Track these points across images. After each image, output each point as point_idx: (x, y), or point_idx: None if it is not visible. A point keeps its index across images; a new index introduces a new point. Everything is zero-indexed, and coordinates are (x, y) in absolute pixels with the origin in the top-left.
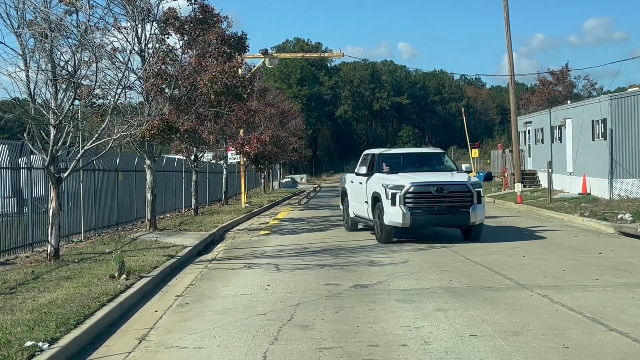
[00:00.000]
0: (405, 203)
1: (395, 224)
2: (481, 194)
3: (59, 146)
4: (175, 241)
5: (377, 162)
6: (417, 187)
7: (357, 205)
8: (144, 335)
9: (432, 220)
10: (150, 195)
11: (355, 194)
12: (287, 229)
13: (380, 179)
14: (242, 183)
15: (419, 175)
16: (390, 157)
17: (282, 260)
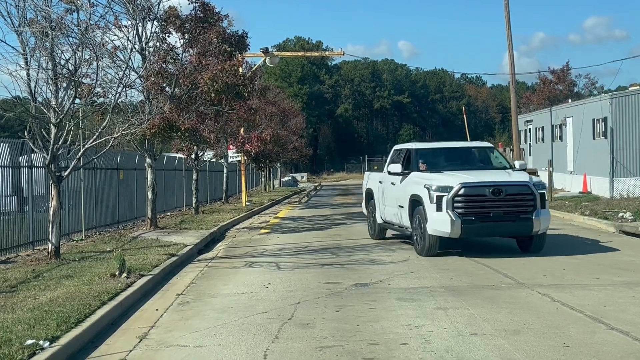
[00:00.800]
0: (454, 208)
1: (442, 233)
2: (545, 197)
3: (59, 145)
4: (176, 240)
5: (413, 158)
6: (469, 189)
7: (387, 210)
8: (145, 334)
9: (487, 230)
10: (151, 194)
11: (386, 196)
12: (288, 227)
13: (420, 178)
14: (242, 182)
15: (469, 175)
16: (429, 153)
17: (282, 259)
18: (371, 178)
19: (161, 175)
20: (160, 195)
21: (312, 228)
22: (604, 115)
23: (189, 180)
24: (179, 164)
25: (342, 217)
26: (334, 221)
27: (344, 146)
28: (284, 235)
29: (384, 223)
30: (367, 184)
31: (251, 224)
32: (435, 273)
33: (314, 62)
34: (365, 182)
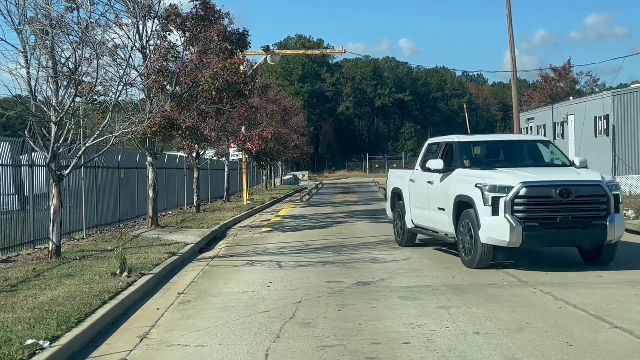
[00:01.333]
0: (514, 212)
1: (498, 241)
2: (619, 199)
3: (60, 143)
4: (177, 238)
5: (457, 153)
6: (532, 189)
7: (422, 213)
8: (146, 333)
9: (552, 238)
10: (152, 193)
11: (419, 197)
12: (289, 226)
13: (469, 176)
14: (243, 180)
15: (529, 172)
16: (475, 147)
17: (284, 258)
18: (398, 176)
19: (162, 174)
20: (161, 193)
21: (314, 226)
22: (605, 112)
23: (190, 179)
24: (180, 162)
25: (343, 215)
26: (335, 219)
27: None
28: (285, 234)
29: (415, 228)
30: (393, 182)
31: (252, 223)
32: (437, 271)
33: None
34: (391, 180)
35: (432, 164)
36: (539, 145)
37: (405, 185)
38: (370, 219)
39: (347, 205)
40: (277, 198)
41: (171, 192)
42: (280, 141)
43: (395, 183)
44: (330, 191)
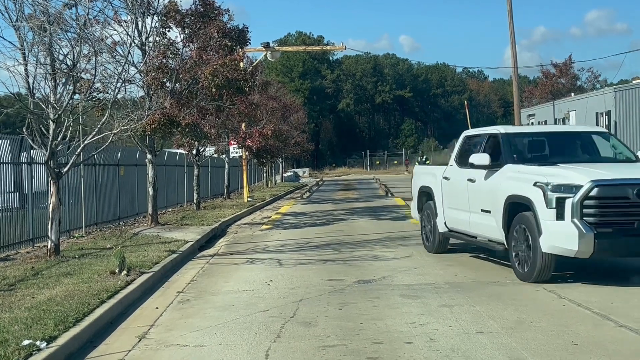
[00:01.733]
0: (584, 216)
1: (564, 251)
2: None
3: (58, 141)
4: (177, 236)
5: (505, 146)
6: (605, 189)
7: (458, 215)
8: (144, 333)
9: (630, 247)
10: (152, 190)
11: (456, 197)
12: (290, 223)
13: (524, 173)
14: (244, 177)
15: (598, 169)
16: (526, 139)
17: (284, 255)
18: (428, 173)
19: (162, 171)
20: (161, 191)
21: (314, 224)
22: (607, 108)
23: (190, 176)
24: (180, 159)
25: (344, 212)
26: (336, 217)
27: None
28: (286, 231)
29: (448, 232)
30: (422, 180)
31: (253, 220)
32: (439, 269)
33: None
34: (418, 178)
35: (476, 159)
36: (597, 137)
37: (436, 184)
38: (371, 216)
39: (347, 202)
40: (277, 195)
41: (171, 190)
42: (280, 138)
43: (423, 181)
44: (331, 188)
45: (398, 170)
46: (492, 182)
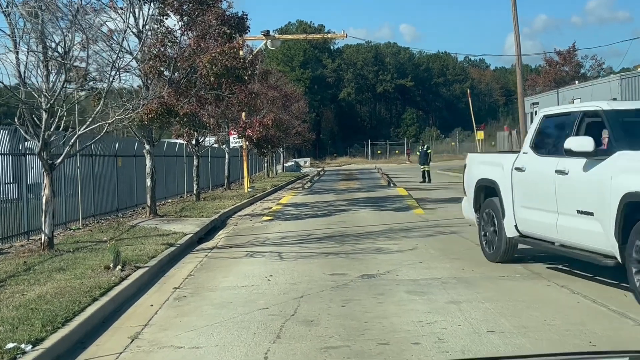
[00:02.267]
0: None
1: None
2: None
3: (51, 131)
4: (175, 228)
5: (614, 127)
6: None
7: (538, 217)
8: (137, 333)
9: None
10: (150, 181)
11: (536, 194)
12: (291, 214)
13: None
14: (244, 168)
15: None
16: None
17: (285, 248)
18: (489, 163)
19: (161, 162)
20: (160, 182)
21: (316, 215)
22: (612, 96)
23: (190, 167)
24: (179, 150)
25: (346, 203)
26: (337, 207)
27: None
28: (287, 223)
29: (520, 237)
30: (480, 172)
31: (253, 211)
32: (445, 263)
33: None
34: (474, 169)
35: (576, 143)
36: None
37: (504, 176)
38: (373, 207)
39: (349, 192)
40: (278, 185)
41: (171, 180)
42: (281, 128)
43: (483, 173)
44: (332, 178)
45: (399, 160)
46: (596, 174)
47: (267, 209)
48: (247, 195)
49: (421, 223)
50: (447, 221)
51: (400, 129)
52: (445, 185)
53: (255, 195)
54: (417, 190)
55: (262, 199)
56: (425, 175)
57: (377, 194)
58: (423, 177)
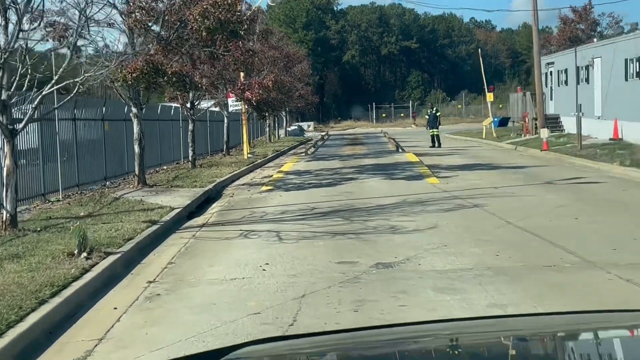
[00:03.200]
0: None
1: None
2: None
3: (12, 92)
4: (164, 201)
5: None
6: None
7: None
8: (87, 354)
9: None
10: (138, 148)
11: None
12: (293, 183)
13: None
14: (244, 132)
15: None
16: None
17: (285, 227)
18: None
19: (155, 126)
20: (154, 148)
21: (320, 184)
22: (638, 54)
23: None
24: (175, 113)
25: (352, 170)
26: (343, 175)
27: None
28: (288, 194)
29: None
30: None
31: (252, 180)
32: (474, 247)
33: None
34: None
35: None
36: None
37: None
38: (382, 175)
39: (355, 158)
40: (280, 151)
41: (166, 146)
42: (283, 90)
43: None
44: (337, 143)
45: (405, 123)
46: None
47: (267, 177)
48: (247, 162)
49: (437, 194)
50: (466, 192)
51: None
52: (456, 150)
53: (255, 162)
54: (428, 155)
55: (263, 165)
56: (435, 139)
57: (385, 160)
58: (432, 142)
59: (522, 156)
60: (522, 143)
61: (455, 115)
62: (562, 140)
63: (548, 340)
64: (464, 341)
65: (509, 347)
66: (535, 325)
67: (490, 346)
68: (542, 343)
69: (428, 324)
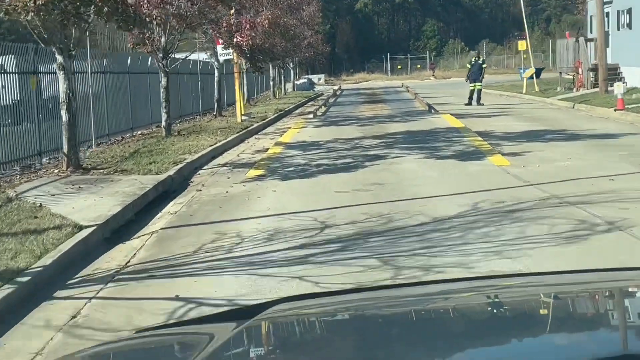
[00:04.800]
0: None
1: None
2: None
3: None
4: (80, 206)
5: None
6: None
7: None
8: None
9: None
10: (66, 115)
11: None
12: (294, 165)
13: None
14: (236, 88)
15: None
16: None
17: (266, 285)
18: None
19: (124, 80)
20: (122, 109)
21: (333, 167)
22: None
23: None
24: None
25: (377, 143)
26: (367, 152)
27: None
28: (285, 186)
29: None
30: None
31: (239, 156)
32: None
33: None
34: None
35: None
36: None
37: None
38: (422, 152)
39: (378, 122)
40: (284, 110)
41: (140, 106)
42: (287, 36)
43: None
44: (352, 100)
45: (422, 76)
46: None
47: (260, 151)
48: (239, 127)
49: (523, 192)
50: (565, 187)
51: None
52: (502, 110)
53: (249, 127)
54: (470, 117)
55: (259, 131)
56: (475, 95)
57: (418, 126)
58: (470, 98)
59: (592, 118)
60: (581, 99)
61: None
62: (636, 96)
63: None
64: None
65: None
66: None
67: (532, 303)
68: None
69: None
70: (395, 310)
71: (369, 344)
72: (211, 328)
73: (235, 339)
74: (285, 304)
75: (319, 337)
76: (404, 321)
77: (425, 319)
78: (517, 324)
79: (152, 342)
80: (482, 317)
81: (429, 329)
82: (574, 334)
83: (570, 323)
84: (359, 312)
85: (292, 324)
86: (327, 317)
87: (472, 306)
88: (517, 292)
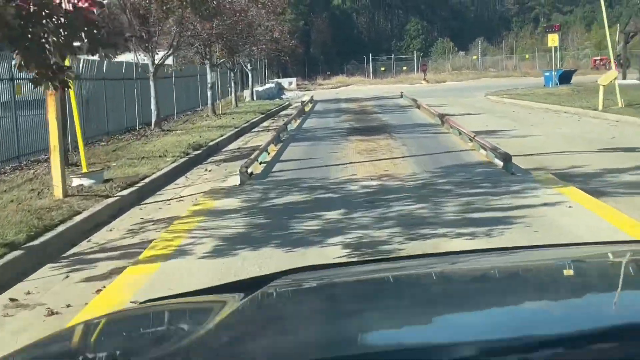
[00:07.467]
0: None
1: None
2: None
3: None
4: None
5: None
6: None
7: None
8: None
9: None
10: None
11: None
12: None
13: None
14: (51, 120)
15: None
16: None
17: None
18: None
19: None
20: None
21: None
22: None
23: None
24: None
25: None
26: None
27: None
28: None
29: None
30: None
31: None
32: None
33: None
34: None
35: None
36: None
37: None
38: None
39: (413, 222)
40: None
41: None
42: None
43: None
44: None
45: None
46: None
47: None
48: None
49: None
50: None
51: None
52: None
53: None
54: (603, 185)
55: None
56: None
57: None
58: None
59: None
60: None
61: (469, 68)
62: None
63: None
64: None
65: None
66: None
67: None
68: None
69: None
70: (399, 281)
71: (373, 315)
72: (221, 297)
73: (244, 308)
74: (292, 275)
75: (325, 307)
76: (408, 291)
77: (434, 290)
78: (525, 290)
79: (159, 311)
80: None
81: (439, 299)
82: (570, 302)
83: (565, 292)
84: (365, 284)
85: (299, 292)
86: (338, 287)
87: (479, 276)
88: (526, 262)
